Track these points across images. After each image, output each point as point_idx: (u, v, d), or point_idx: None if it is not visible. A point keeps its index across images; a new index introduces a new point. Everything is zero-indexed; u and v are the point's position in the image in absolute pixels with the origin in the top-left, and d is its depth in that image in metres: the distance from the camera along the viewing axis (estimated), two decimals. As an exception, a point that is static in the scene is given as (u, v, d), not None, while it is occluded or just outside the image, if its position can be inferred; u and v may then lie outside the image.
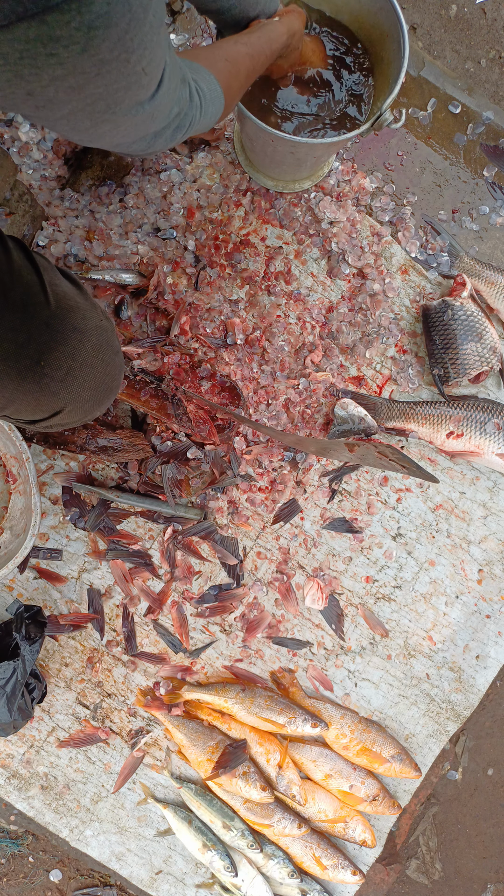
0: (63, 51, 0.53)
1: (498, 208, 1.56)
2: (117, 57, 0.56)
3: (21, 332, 0.90)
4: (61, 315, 0.94)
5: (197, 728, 1.41)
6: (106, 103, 0.62)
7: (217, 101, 0.90)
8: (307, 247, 1.51)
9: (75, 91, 0.58)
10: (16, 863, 1.49)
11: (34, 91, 0.57)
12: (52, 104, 0.60)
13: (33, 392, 0.94)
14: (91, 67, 0.56)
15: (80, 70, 0.55)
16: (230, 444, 1.43)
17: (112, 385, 1.06)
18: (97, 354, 0.98)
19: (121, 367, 1.08)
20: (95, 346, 0.98)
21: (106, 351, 1.00)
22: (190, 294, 1.46)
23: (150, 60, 0.62)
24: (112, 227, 1.46)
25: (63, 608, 1.45)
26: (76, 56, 0.54)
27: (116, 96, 0.62)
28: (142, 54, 0.59)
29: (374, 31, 1.23)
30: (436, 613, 1.49)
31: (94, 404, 1.04)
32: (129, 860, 1.44)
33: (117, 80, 0.59)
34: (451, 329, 1.44)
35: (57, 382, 0.94)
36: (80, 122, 0.65)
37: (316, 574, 1.47)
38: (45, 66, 0.54)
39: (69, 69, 0.55)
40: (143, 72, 0.62)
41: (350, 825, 1.42)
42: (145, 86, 0.64)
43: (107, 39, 0.54)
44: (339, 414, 1.44)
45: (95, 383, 1.00)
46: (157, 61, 0.63)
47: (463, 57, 1.64)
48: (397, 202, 1.55)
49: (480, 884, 1.54)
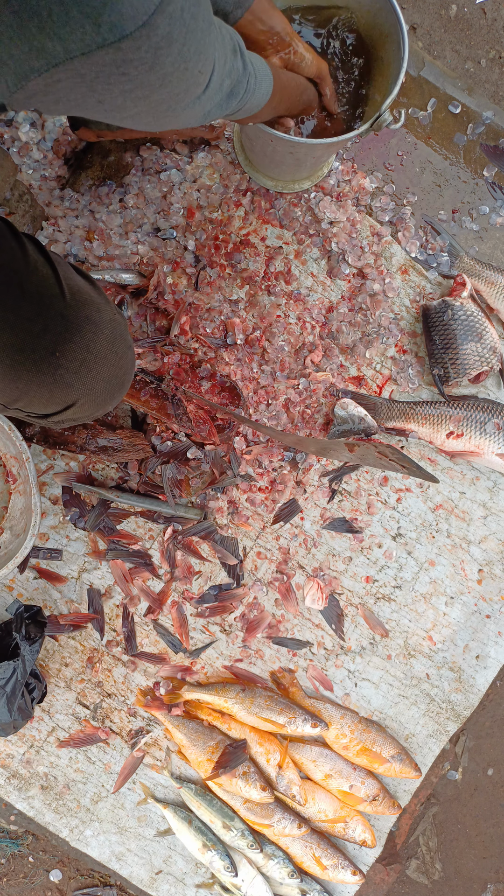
0: (133, 70, 0.59)
1: (498, 208, 1.56)
2: (178, 68, 0.63)
3: (37, 322, 0.90)
4: (76, 307, 0.94)
5: (197, 728, 1.41)
6: (168, 105, 0.69)
7: (267, 76, 0.93)
8: (307, 247, 1.51)
9: (142, 100, 0.65)
10: (16, 863, 1.49)
11: (104, 100, 0.63)
12: (120, 109, 0.66)
13: (47, 383, 0.94)
14: (156, 80, 0.62)
15: (147, 84, 0.62)
16: (230, 444, 1.43)
17: (124, 379, 1.06)
18: (111, 347, 0.99)
19: (133, 362, 1.08)
20: (109, 338, 0.98)
21: (119, 344, 1.01)
22: (190, 294, 1.46)
23: (205, 62, 0.68)
24: (112, 227, 1.46)
25: (63, 608, 1.45)
26: (144, 73, 0.60)
27: (177, 98, 0.68)
28: (198, 60, 0.65)
29: (373, 31, 1.23)
30: (436, 613, 1.49)
31: (106, 397, 1.04)
32: (129, 860, 1.44)
33: (178, 86, 0.66)
34: (451, 329, 1.44)
35: (71, 374, 0.95)
36: (144, 119, 0.71)
37: (316, 574, 1.47)
38: (117, 83, 0.60)
39: (137, 84, 0.61)
40: (200, 73, 0.68)
41: (350, 825, 1.42)
42: (202, 83, 0.71)
43: (170, 55, 0.60)
44: (339, 414, 1.44)
45: (109, 376, 1.01)
46: (209, 60, 0.69)
47: (463, 57, 1.64)
48: (397, 202, 1.55)
49: (480, 884, 1.54)
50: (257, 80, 0.89)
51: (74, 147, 1.50)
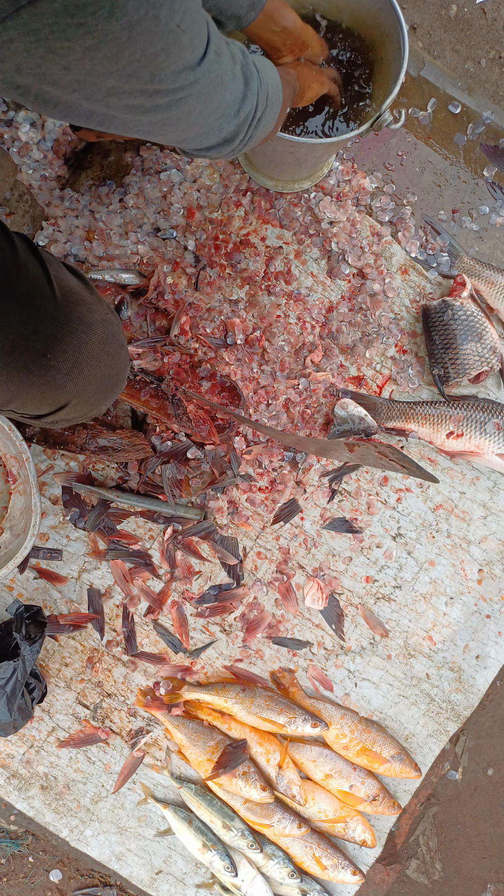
0: (90, 18, 0.53)
1: (498, 208, 1.56)
2: (145, 15, 0.55)
3: (27, 324, 0.90)
4: (67, 308, 0.94)
5: (197, 728, 1.41)
6: (149, 71, 0.60)
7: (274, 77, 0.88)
8: (307, 247, 1.51)
9: (111, 60, 0.57)
10: (16, 863, 1.49)
11: (70, 65, 0.56)
12: (93, 78, 0.58)
13: (39, 385, 0.94)
14: (121, 31, 0.55)
15: (112, 36, 0.55)
16: (230, 444, 1.43)
17: (118, 379, 1.05)
18: (103, 347, 0.98)
19: (126, 362, 1.07)
20: (101, 338, 0.98)
21: (112, 344, 1.00)
22: (190, 294, 1.46)
23: (184, 15, 0.59)
24: (112, 227, 1.46)
25: (63, 608, 1.45)
26: (104, 22, 0.53)
27: (157, 61, 0.60)
28: (171, 8, 0.57)
29: (374, 32, 1.23)
30: (436, 613, 1.49)
31: (99, 398, 1.04)
32: (129, 860, 1.44)
33: (152, 41, 0.57)
34: (451, 329, 1.44)
35: (63, 375, 0.94)
36: (134, 98, 0.63)
37: (316, 574, 1.47)
38: (76, 36, 0.54)
39: (100, 37, 0.54)
40: (180, 28, 0.59)
41: (350, 825, 1.42)
42: (187, 45, 0.62)
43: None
44: (339, 414, 1.44)
45: (101, 376, 1.00)
46: (191, 16, 0.61)
47: (463, 57, 1.64)
48: (397, 202, 1.55)
49: (480, 884, 1.54)
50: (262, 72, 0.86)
51: (74, 147, 1.50)
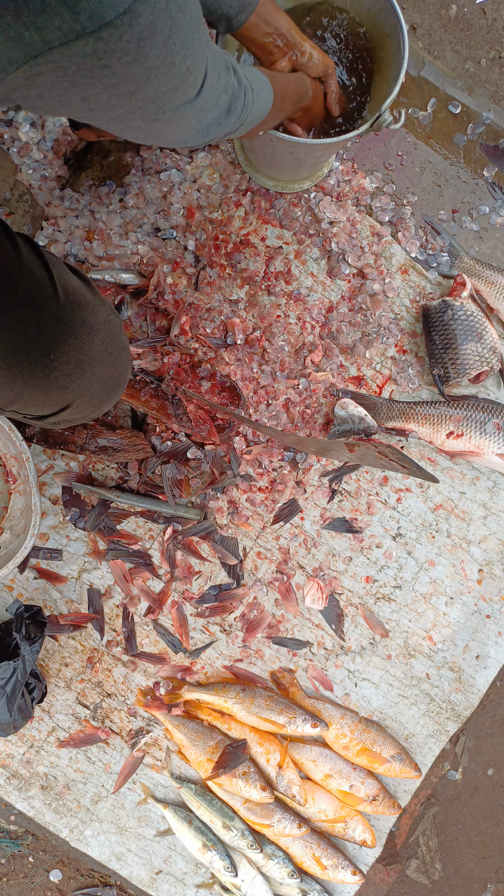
0: (116, 62, 0.57)
1: (498, 208, 1.56)
2: (164, 62, 0.61)
3: (31, 325, 0.90)
4: (70, 309, 0.94)
5: (197, 728, 1.41)
6: (156, 105, 0.66)
7: (265, 86, 0.92)
8: (307, 247, 1.51)
9: (127, 97, 0.63)
10: (16, 863, 1.49)
11: (88, 97, 0.61)
12: (106, 108, 0.64)
13: (42, 386, 0.94)
14: (141, 75, 0.60)
15: (132, 78, 0.60)
16: (230, 444, 1.43)
17: (120, 380, 1.06)
18: (106, 348, 0.99)
19: (128, 363, 1.08)
20: (104, 340, 0.98)
21: (114, 345, 1.01)
22: (190, 294, 1.46)
23: (194, 60, 0.65)
24: (112, 227, 1.46)
25: (63, 608, 1.45)
26: (128, 66, 0.58)
27: (166, 98, 0.66)
28: (185, 55, 0.63)
29: (373, 32, 1.23)
30: (436, 613, 1.49)
31: (101, 399, 1.04)
32: (129, 860, 1.44)
33: (165, 83, 0.64)
34: (451, 329, 1.44)
35: (66, 376, 0.95)
36: (133, 122, 0.69)
37: (316, 574, 1.47)
38: (100, 76, 0.58)
39: (121, 78, 0.59)
40: (189, 71, 0.66)
41: (350, 825, 1.42)
42: (192, 84, 0.68)
43: (154, 47, 0.59)
44: (339, 414, 1.44)
45: (104, 378, 1.01)
46: (199, 59, 0.67)
47: (463, 57, 1.64)
48: (397, 202, 1.55)
49: (480, 884, 1.54)
50: (254, 91, 0.89)
51: (74, 147, 1.50)
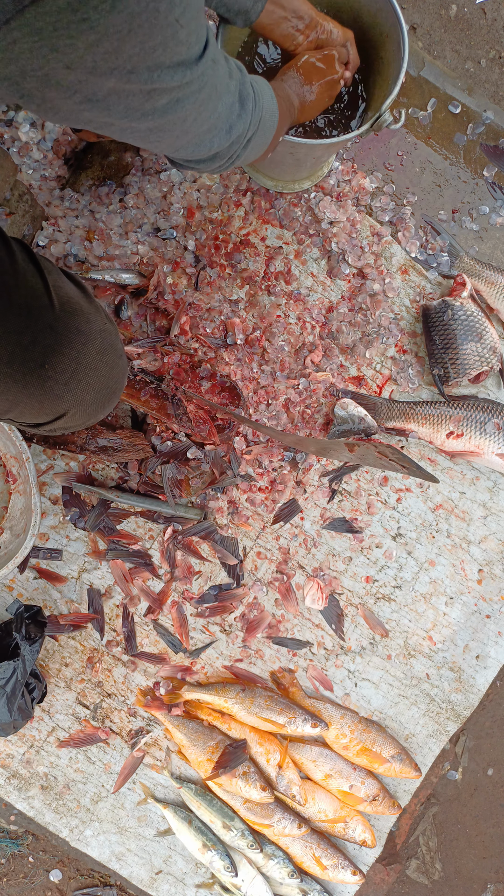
0: (93, 12, 0.53)
1: (498, 208, 1.56)
2: (146, 7, 0.56)
3: (25, 334, 0.90)
4: (65, 318, 0.94)
5: (197, 728, 1.41)
6: (146, 66, 0.61)
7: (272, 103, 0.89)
8: (307, 247, 1.51)
9: (112, 55, 0.57)
10: (16, 863, 1.49)
11: (73, 63, 0.57)
12: (95, 77, 0.59)
13: (37, 395, 0.94)
14: (123, 24, 0.55)
15: (113, 30, 0.55)
16: (230, 444, 1.43)
17: (115, 388, 1.06)
18: (101, 357, 0.98)
19: (124, 371, 1.08)
20: (99, 349, 0.98)
21: (109, 354, 1.00)
22: (190, 294, 1.46)
23: (184, 10, 0.60)
24: (112, 227, 1.46)
25: (63, 608, 1.45)
26: (107, 15, 0.54)
27: (155, 55, 0.60)
28: (171, 2, 0.58)
29: (373, 31, 1.23)
30: (436, 613, 1.49)
31: (97, 408, 1.04)
32: (129, 860, 1.44)
33: (151, 34, 0.58)
34: (451, 329, 1.44)
35: (61, 386, 0.94)
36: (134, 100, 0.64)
37: (316, 574, 1.47)
38: (79, 32, 0.54)
39: (102, 32, 0.55)
40: (178, 23, 0.60)
41: (350, 825, 1.42)
42: (184, 41, 0.62)
43: None
44: (339, 414, 1.44)
45: (99, 386, 1.00)
46: (191, 13, 0.61)
47: (463, 57, 1.64)
48: (397, 202, 1.55)
49: (480, 884, 1.54)
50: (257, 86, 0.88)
51: (74, 147, 1.50)
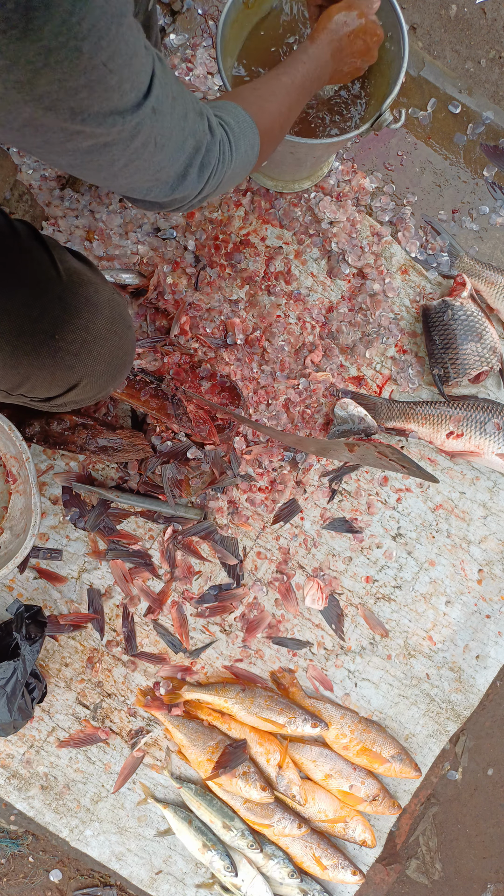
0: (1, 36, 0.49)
1: (498, 208, 1.56)
2: (64, 44, 0.51)
3: (34, 307, 0.91)
4: (73, 289, 0.94)
5: (197, 728, 1.41)
6: (68, 106, 0.55)
7: (249, 132, 0.83)
8: (307, 247, 1.51)
9: (25, 87, 0.53)
10: (16, 863, 1.49)
11: None
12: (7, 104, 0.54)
13: (48, 367, 0.94)
14: (35, 56, 0.51)
15: (24, 59, 0.51)
16: (230, 444, 1.43)
17: (125, 359, 1.06)
18: (110, 327, 0.99)
19: (133, 342, 1.08)
20: (108, 318, 0.98)
21: (119, 324, 1.01)
22: (190, 294, 1.46)
23: (113, 55, 0.55)
24: (112, 227, 1.46)
25: (63, 608, 1.45)
26: (16, 43, 0.49)
27: (78, 97, 0.55)
28: (98, 46, 0.53)
29: None
30: (436, 613, 1.49)
31: (108, 379, 1.05)
32: (129, 860, 1.44)
33: (72, 73, 0.53)
34: (451, 329, 1.44)
35: (72, 356, 0.95)
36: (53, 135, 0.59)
37: (316, 574, 1.47)
38: None
39: (11, 58, 0.50)
40: (107, 68, 0.55)
41: (350, 825, 1.42)
42: (115, 88, 0.57)
43: (49, 21, 0.50)
44: (339, 414, 1.44)
45: (110, 357, 1.01)
46: (124, 59, 0.56)
47: (463, 57, 1.64)
48: (397, 202, 1.55)
49: (480, 884, 1.54)
50: (233, 141, 0.81)
51: (74, 147, 1.50)
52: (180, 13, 1.52)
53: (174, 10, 1.53)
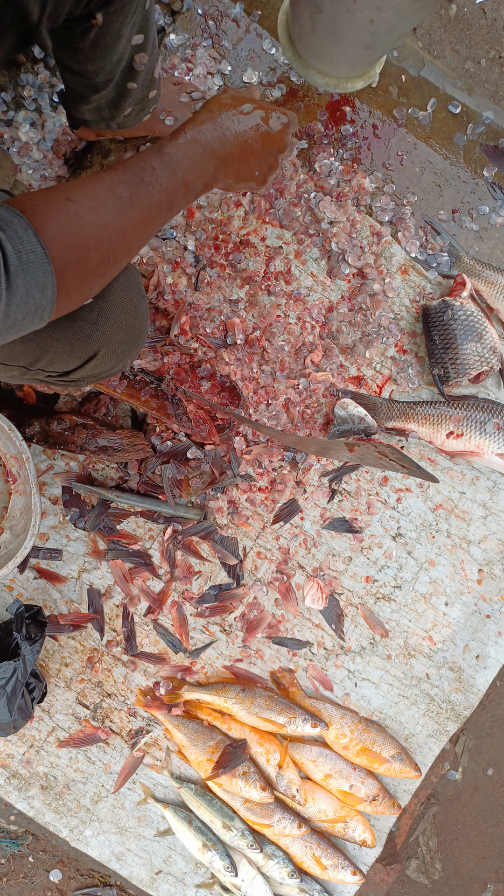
0: None
1: (498, 208, 1.56)
2: None
3: None
4: None
5: (197, 728, 1.41)
6: None
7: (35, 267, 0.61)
8: (307, 247, 1.51)
9: None
10: (16, 863, 1.49)
11: None
12: None
13: (67, 337, 0.95)
14: None
15: None
16: (230, 444, 1.44)
17: (141, 329, 1.06)
18: (126, 295, 0.99)
19: (147, 313, 1.08)
20: (123, 286, 0.99)
21: (133, 292, 1.01)
22: (190, 294, 1.46)
23: None
24: (112, 227, 1.46)
25: (63, 608, 1.45)
26: None
27: None
28: None
29: None
30: (436, 613, 1.49)
31: (125, 349, 1.04)
32: (129, 860, 1.44)
33: None
34: (451, 329, 1.44)
35: (90, 325, 0.95)
36: None
37: (316, 574, 1.47)
38: None
39: None
40: None
41: (350, 825, 1.42)
42: None
43: None
44: (339, 414, 1.44)
45: (126, 326, 1.01)
46: None
47: (463, 57, 1.64)
48: (397, 202, 1.55)
49: (480, 884, 1.54)
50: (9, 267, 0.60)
51: (74, 147, 1.50)
52: (180, 13, 1.52)
53: (174, 10, 1.52)
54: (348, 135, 1.52)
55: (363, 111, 1.53)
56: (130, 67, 1.17)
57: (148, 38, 1.15)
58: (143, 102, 1.29)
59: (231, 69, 1.51)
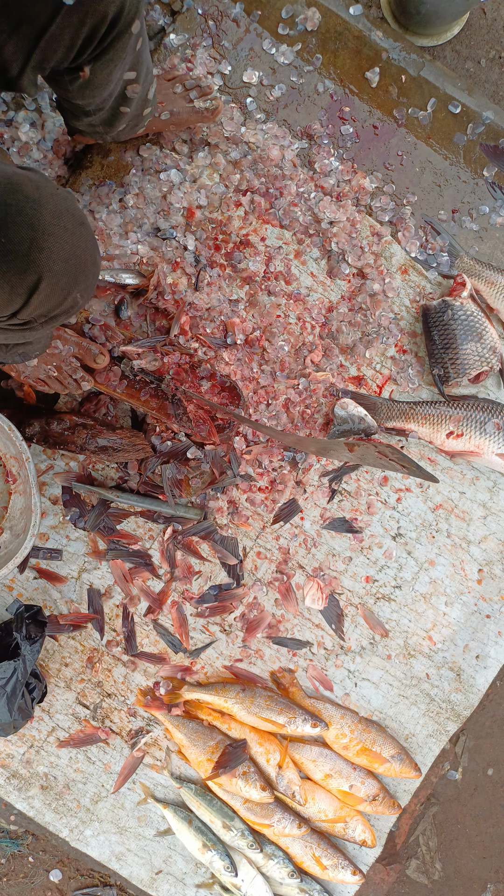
0: None
1: (498, 208, 1.56)
2: None
3: None
4: (12, 189, 0.92)
5: (197, 728, 1.41)
6: None
7: None
8: (307, 247, 1.51)
9: None
10: (16, 863, 1.49)
11: None
12: None
13: (1, 272, 0.92)
14: None
15: None
16: (230, 444, 1.44)
17: (85, 259, 1.02)
18: (57, 221, 0.96)
19: (91, 241, 1.04)
20: (53, 212, 0.95)
21: (66, 218, 0.97)
22: (190, 294, 1.46)
23: None
24: (112, 227, 1.46)
25: (63, 608, 1.45)
26: None
27: None
28: None
29: None
30: (436, 613, 1.49)
31: (70, 279, 1.00)
32: (129, 860, 1.44)
33: None
34: (451, 329, 1.44)
35: (22, 257, 0.93)
36: None
37: (316, 574, 1.47)
38: None
39: None
40: None
41: (350, 825, 1.42)
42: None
43: None
44: (339, 414, 1.44)
45: (65, 255, 0.97)
46: None
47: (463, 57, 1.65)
48: (397, 202, 1.55)
49: (480, 884, 1.54)
50: None
51: (74, 147, 1.50)
52: (180, 13, 1.52)
53: (174, 10, 1.52)
54: (348, 134, 1.52)
55: (363, 111, 1.53)
56: (123, 95, 1.16)
57: (140, 71, 1.14)
58: (137, 119, 1.29)
59: (231, 69, 1.51)
